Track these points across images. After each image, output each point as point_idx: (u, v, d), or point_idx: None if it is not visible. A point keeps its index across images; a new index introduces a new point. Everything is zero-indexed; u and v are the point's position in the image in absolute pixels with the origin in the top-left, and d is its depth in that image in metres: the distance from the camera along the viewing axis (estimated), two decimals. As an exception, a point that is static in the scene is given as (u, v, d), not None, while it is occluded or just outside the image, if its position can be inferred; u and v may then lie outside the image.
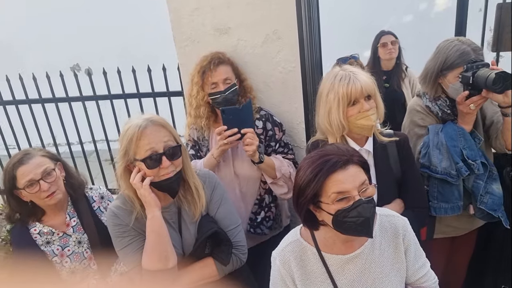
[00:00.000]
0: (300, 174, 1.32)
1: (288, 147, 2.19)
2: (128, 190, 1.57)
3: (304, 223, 1.39)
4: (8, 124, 3.12)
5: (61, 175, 1.88)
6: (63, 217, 1.90)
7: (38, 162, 1.78)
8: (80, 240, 1.90)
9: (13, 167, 1.76)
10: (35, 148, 1.89)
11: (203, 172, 1.75)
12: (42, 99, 2.99)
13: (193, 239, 1.63)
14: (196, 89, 2.04)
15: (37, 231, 1.85)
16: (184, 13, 2.27)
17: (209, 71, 2.00)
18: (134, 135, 1.47)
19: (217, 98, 2.02)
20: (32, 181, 1.74)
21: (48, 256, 1.83)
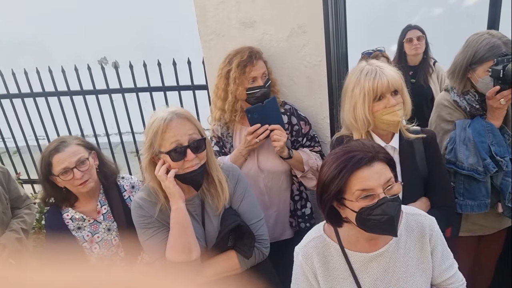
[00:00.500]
0: (324, 170, 1.31)
1: (315, 140, 2.18)
2: (153, 182, 1.59)
3: (327, 220, 1.38)
4: (38, 116, 3.20)
5: (95, 163, 1.92)
6: (94, 204, 1.95)
7: (73, 150, 1.82)
8: (109, 227, 1.94)
9: (50, 154, 1.81)
10: (71, 136, 1.94)
11: (227, 165, 1.76)
12: (70, 91, 3.06)
13: (216, 232, 1.65)
14: (236, 84, 1.99)
15: (69, 217, 1.92)
16: (210, 7, 2.27)
17: (251, 65, 1.98)
18: (159, 127, 1.49)
19: (256, 93, 2.00)
20: (67, 169, 1.79)
21: (78, 241, 1.89)
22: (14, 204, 2.36)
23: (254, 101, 2.02)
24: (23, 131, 3.35)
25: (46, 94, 3.11)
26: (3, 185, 2.27)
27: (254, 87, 2.00)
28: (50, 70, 2.96)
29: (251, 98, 2.02)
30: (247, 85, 2.01)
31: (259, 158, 2.12)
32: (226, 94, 2.05)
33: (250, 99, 2.02)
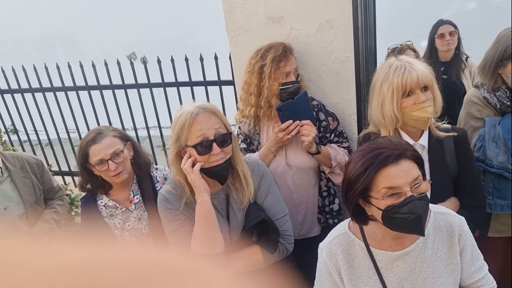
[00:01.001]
0: (350, 167, 1.29)
1: (343, 135, 2.15)
2: (179, 175, 1.61)
3: (352, 217, 1.36)
4: (69, 109, 3.29)
5: (129, 154, 1.97)
6: (127, 193, 2.00)
7: (109, 142, 1.87)
8: (140, 217, 1.99)
9: (87, 144, 1.87)
10: (108, 127, 2.00)
11: (252, 160, 1.76)
12: (100, 85, 3.12)
13: (240, 226, 1.66)
14: (271, 79, 1.97)
15: (103, 204, 1.99)
16: (237, 2, 2.27)
17: (285, 60, 1.97)
18: (186, 121, 1.50)
19: (289, 88, 1.99)
20: (102, 160, 1.84)
21: (110, 228, 1.96)
22: (47, 195, 2.44)
23: (286, 97, 2.00)
24: (55, 124, 3.44)
25: (77, 88, 3.19)
26: (37, 176, 2.35)
27: (287, 82, 1.99)
28: (81, 65, 3.03)
29: (284, 93, 2.00)
30: (281, 80, 1.99)
31: (288, 155, 2.11)
32: (260, 89, 2.03)
33: (282, 95, 2.01)
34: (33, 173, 2.32)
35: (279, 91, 2.00)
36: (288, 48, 2.01)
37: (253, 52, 2.08)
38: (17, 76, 3.25)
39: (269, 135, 2.12)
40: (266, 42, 2.09)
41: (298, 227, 2.18)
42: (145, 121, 3.16)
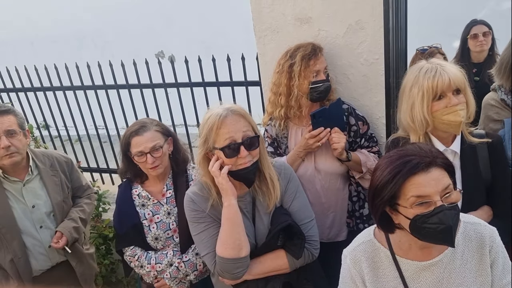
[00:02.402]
0: (377, 174, 1.27)
1: (373, 140, 2.13)
2: (206, 177, 1.63)
3: (378, 225, 1.33)
4: (98, 107, 3.36)
5: (169, 149, 2.02)
6: (161, 186, 2.04)
7: (150, 136, 1.92)
8: (170, 211, 2.02)
9: (130, 135, 1.94)
10: (153, 121, 2.03)
11: (279, 163, 1.75)
12: (129, 84, 3.17)
13: (266, 230, 1.65)
14: (301, 77, 1.96)
15: (137, 193, 2.05)
16: (265, 3, 2.26)
17: (315, 58, 1.96)
18: (214, 124, 1.51)
19: (320, 87, 1.97)
20: (142, 152, 1.91)
21: (140, 217, 2.01)
22: (76, 193, 2.50)
23: (316, 96, 1.99)
24: (84, 121, 3.52)
25: (106, 87, 3.26)
26: (66, 174, 2.40)
27: (317, 81, 1.98)
28: (110, 64, 3.09)
29: (314, 92, 1.99)
30: (311, 78, 1.97)
31: (316, 159, 2.09)
32: (289, 89, 2.02)
33: (312, 94, 1.99)
34: (62, 171, 2.38)
35: (309, 90, 1.98)
36: (317, 47, 2.00)
37: (282, 53, 2.08)
38: (49, 74, 3.34)
39: (298, 139, 2.11)
40: (294, 43, 2.09)
41: (326, 231, 2.17)
42: (171, 119, 3.20)
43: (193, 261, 1.98)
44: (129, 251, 2.00)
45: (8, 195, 2.20)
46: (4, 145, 2.07)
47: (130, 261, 2.01)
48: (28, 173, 2.24)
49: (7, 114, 2.14)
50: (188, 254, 2.00)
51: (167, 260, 1.98)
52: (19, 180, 2.22)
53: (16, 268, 2.22)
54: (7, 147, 2.08)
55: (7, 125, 2.10)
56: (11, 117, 2.14)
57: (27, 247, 2.24)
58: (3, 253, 2.22)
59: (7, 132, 2.10)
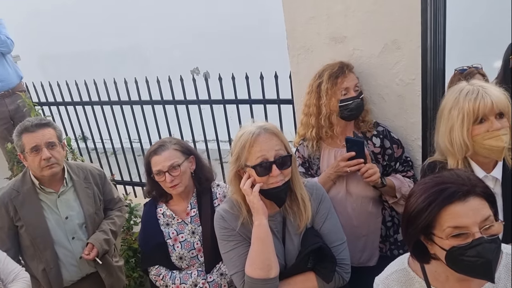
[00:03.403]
0: (411, 201, 1.21)
1: (409, 164, 2.07)
2: (237, 194, 1.62)
3: (412, 255, 1.27)
4: (133, 121, 3.44)
5: (191, 168, 2.02)
6: (185, 205, 2.04)
7: (168, 155, 1.94)
8: (194, 230, 2.01)
9: (150, 154, 1.98)
10: (172, 140, 2.05)
11: (311, 183, 1.72)
12: (163, 101, 3.24)
13: (296, 251, 1.62)
14: (328, 95, 1.96)
15: (161, 211, 2.06)
16: (299, 22, 2.26)
17: (342, 76, 1.95)
18: (247, 141, 1.51)
19: (350, 104, 1.95)
20: (160, 171, 1.92)
21: (164, 236, 2.00)
22: (107, 206, 2.54)
23: (347, 114, 1.97)
24: (120, 135, 3.61)
25: (142, 103, 3.34)
26: (99, 186, 2.46)
27: (347, 99, 1.95)
28: (146, 81, 3.17)
29: (344, 110, 1.96)
30: (339, 96, 1.96)
31: (348, 182, 2.05)
32: (319, 108, 2.01)
33: (343, 112, 1.97)
34: (95, 184, 2.43)
35: (339, 108, 1.96)
36: (345, 65, 1.99)
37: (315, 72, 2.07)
38: (89, 89, 3.45)
39: (330, 161, 2.08)
40: (327, 62, 2.08)
41: (358, 255, 2.11)
42: (204, 134, 3.23)
43: (217, 281, 1.96)
44: (154, 270, 2.00)
45: (43, 206, 2.26)
46: (46, 156, 2.14)
47: (155, 280, 2.00)
48: (63, 185, 2.31)
49: (47, 127, 2.22)
50: (212, 275, 1.97)
51: (191, 280, 1.96)
52: (54, 191, 2.28)
53: (47, 278, 2.27)
54: (48, 158, 2.15)
55: (48, 137, 2.18)
56: (51, 130, 2.22)
57: (59, 257, 2.29)
58: (36, 262, 2.27)
59: (48, 144, 2.17)
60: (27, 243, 2.26)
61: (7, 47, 3.80)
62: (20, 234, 2.26)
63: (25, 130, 2.17)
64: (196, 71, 6.15)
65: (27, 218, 2.22)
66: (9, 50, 3.86)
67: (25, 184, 2.25)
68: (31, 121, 2.21)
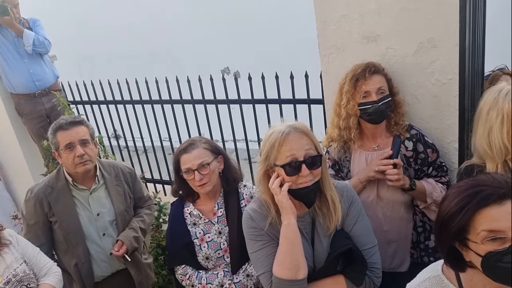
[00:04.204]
0: (444, 204, 1.16)
1: (443, 169, 2.00)
2: (265, 194, 1.60)
3: (446, 262, 1.21)
4: (164, 120, 3.49)
5: (219, 168, 2.02)
6: (212, 205, 2.04)
7: (198, 154, 1.94)
8: (221, 231, 2.00)
9: (179, 153, 1.98)
10: (202, 138, 2.07)
11: (341, 185, 1.69)
12: (193, 100, 3.27)
13: (325, 253, 1.59)
14: (347, 98, 1.95)
15: (188, 211, 2.06)
16: (331, 20, 2.23)
17: (363, 79, 1.91)
18: (276, 140, 1.49)
19: (368, 109, 1.92)
20: (189, 169, 1.93)
21: (191, 235, 2.00)
22: (137, 203, 2.58)
23: (366, 118, 1.94)
24: (150, 133, 3.67)
25: (172, 102, 3.38)
26: (129, 184, 2.49)
27: (365, 103, 1.92)
28: (177, 80, 3.21)
29: (364, 114, 1.94)
30: (358, 100, 1.93)
31: (379, 186, 2.01)
32: (340, 109, 2.00)
33: (363, 116, 1.95)
34: (125, 181, 2.47)
35: (360, 112, 1.94)
36: (371, 67, 1.93)
37: (345, 72, 2.04)
38: (121, 88, 3.52)
39: (361, 164, 2.03)
40: (359, 61, 2.03)
41: (388, 260, 2.05)
42: (233, 134, 3.24)
43: (243, 282, 1.94)
44: (181, 269, 2.00)
45: (76, 203, 2.32)
46: (79, 153, 2.19)
47: (181, 279, 2.00)
48: (95, 182, 2.35)
49: (81, 124, 2.27)
50: (239, 275, 1.96)
51: (217, 280, 1.95)
52: (86, 188, 2.33)
53: (79, 272, 2.32)
54: (82, 155, 2.20)
55: (81, 135, 2.23)
56: (84, 128, 2.27)
57: (90, 253, 2.33)
58: (68, 257, 2.33)
59: (82, 141, 2.22)
60: (61, 238, 2.31)
61: (45, 47, 3.92)
62: (54, 230, 2.32)
63: (60, 128, 2.22)
64: (227, 70, 6.18)
65: (61, 214, 2.28)
66: (46, 51, 3.98)
67: (59, 181, 2.31)
68: (65, 119, 2.26)
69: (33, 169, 4.19)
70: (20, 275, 1.96)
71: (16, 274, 1.95)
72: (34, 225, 2.28)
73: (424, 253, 2.03)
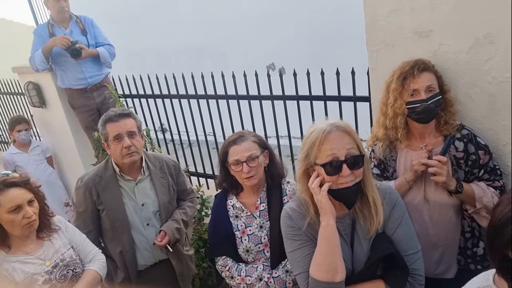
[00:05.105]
0: (498, 210, 1.09)
1: (496, 172, 1.88)
2: (304, 193, 1.57)
3: (499, 272, 1.14)
4: (209, 115, 3.53)
5: (265, 162, 2.03)
6: (255, 199, 2.05)
7: (248, 146, 1.96)
8: (262, 225, 2.01)
9: (228, 144, 2.00)
10: (250, 132, 2.10)
11: (384, 186, 1.63)
12: (238, 95, 3.29)
13: (365, 256, 1.54)
14: (394, 96, 1.89)
15: (231, 203, 2.08)
16: (381, 15, 2.15)
17: (411, 77, 1.84)
18: (317, 139, 1.46)
19: (417, 107, 1.84)
20: (238, 161, 1.94)
21: (232, 227, 2.02)
22: (180, 196, 2.63)
23: (414, 117, 1.86)
24: (195, 128, 3.73)
25: (217, 97, 3.41)
26: (173, 177, 2.55)
27: (414, 101, 1.83)
28: (222, 75, 3.23)
29: (412, 113, 1.86)
30: (406, 98, 1.85)
31: (426, 188, 1.92)
32: (386, 108, 1.94)
33: (411, 115, 1.87)
34: (170, 174, 2.53)
35: (408, 111, 1.86)
36: (420, 65, 1.85)
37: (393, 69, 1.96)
38: (168, 83, 3.61)
39: (407, 164, 1.95)
40: (409, 58, 1.95)
41: (433, 266, 1.96)
42: (276, 130, 3.22)
43: (282, 278, 1.93)
44: (221, 261, 2.03)
45: (122, 192, 2.40)
46: (127, 144, 2.27)
47: (221, 270, 2.03)
48: (141, 173, 2.43)
49: (129, 117, 2.34)
50: (278, 270, 1.95)
51: (257, 274, 1.96)
52: (132, 179, 2.41)
53: (124, 260, 2.41)
54: (129, 147, 2.27)
55: (129, 127, 2.30)
56: (131, 120, 2.34)
57: (134, 242, 2.41)
58: (114, 245, 2.42)
59: (129, 133, 2.29)
60: (107, 226, 2.41)
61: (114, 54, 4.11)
62: (102, 218, 2.42)
63: (109, 119, 2.31)
64: (272, 66, 6.16)
65: (108, 203, 2.37)
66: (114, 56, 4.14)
67: (107, 171, 2.40)
68: (114, 111, 2.35)
69: (84, 159, 4.40)
70: (67, 260, 2.06)
71: (64, 259, 2.05)
72: (83, 213, 2.39)
73: (471, 260, 1.92)
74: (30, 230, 1.95)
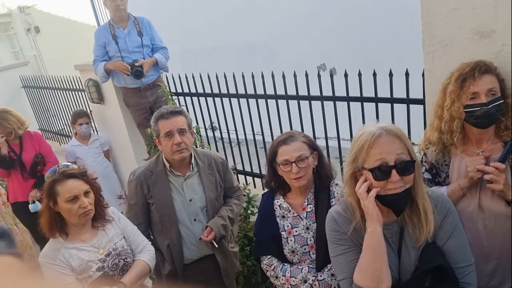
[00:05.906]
0: None
1: None
2: (351, 197, 1.54)
3: None
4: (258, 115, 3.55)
5: (314, 163, 2.02)
6: (302, 200, 2.04)
7: (297, 146, 1.95)
8: (308, 226, 2.00)
9: (278, 144, 2.00)
10: (300, 133, 2.09)
11: (436, 194, 1.56)
12: (287, 95, 3.28)
13: (412, 266, 1.48)
14: (451, 99, 1.80)
15: (278, 203, 2.08)
16: (439, 14, 2.05)
17: (471, 79, 1.74)
18: (366, 142, 1.42)
19: (476, 112, 1.74)
20: (287, 161, 1.94)
21: (279, 228, 2.03)
22: (227, 193, 2.67)
23: (473, 121, 1.76)
24: (244, 127, 3.76)
25: (267, 97, 3.42)
26: (220, 174, 2.59)
27: (473, 104, 1.74)
28: (272, 75, 3.23)
29: (470, 117, 1.76)
30: (465, 101, 1.75)
31: (482, 195, 1.82)
32: (442, 111, 1.85)
33: (469, 119, 1.77)
34: (217, 171, 2.56)
35: (466, 115, 1.76)
36: (481, 66, 1.74)
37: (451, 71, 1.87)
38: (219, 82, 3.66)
39: (461, 170, 1.86)
40: (468, 59, 1.85)
41: (486, 278, 1.85)
42: (325, 131, 3.18)
43: (328, 281, 1.91)
44: (266, 260, 2.03)
45: (171, 187, 2.47)
46: (177, 141, 2.33)
47: (266, 269, 2.04)
48: (190, 170, 2.48)
49: (180, 114, 2.40)
50: (323, 273, 1.93)
51: (301, 275, 1.95)
52: (181, 175, 2.47)
53: (171, 253, 2.48)
54: (179, 143, 2.33)
55: (180, 124, 2.36)
56: (182, 118, 2.40)
57: (181, 236, 2.48)
58: (162, 238, 2.50)
59: (180, 130, 2.35)
60: (156, 219, 2.49)
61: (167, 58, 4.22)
62: (151, 211, 2.50)
63: (161, 117, 2.38)
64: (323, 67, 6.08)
65: (158, 197, 2.44)
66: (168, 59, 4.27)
67: (158, 166, 2.48)
68: (166, 109, 2.42)
69: (137, 154, 4.57)
70: (119, 249, 2.16)
71: (116, 248, 2.15)
72: (134, 205, 2.49)
73: None
74: (86, 219, 2.07)
